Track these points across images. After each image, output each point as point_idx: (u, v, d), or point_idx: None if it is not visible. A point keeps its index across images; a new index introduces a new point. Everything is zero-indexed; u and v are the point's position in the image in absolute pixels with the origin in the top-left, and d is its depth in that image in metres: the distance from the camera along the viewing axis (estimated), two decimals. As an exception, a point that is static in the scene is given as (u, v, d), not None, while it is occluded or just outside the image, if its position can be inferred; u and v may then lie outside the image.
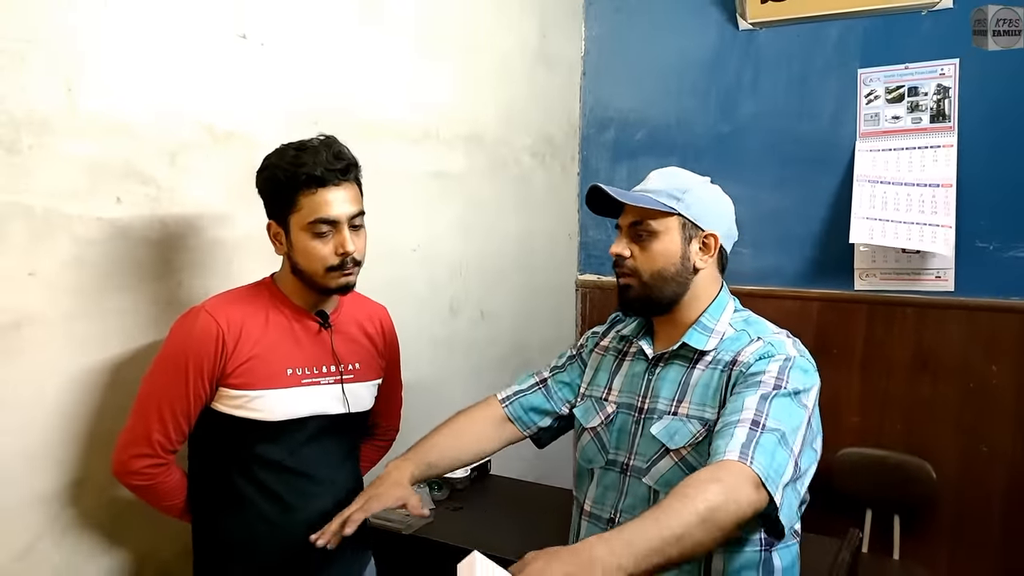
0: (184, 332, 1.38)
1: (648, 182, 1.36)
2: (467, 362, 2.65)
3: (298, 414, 1.43)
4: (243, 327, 1.38)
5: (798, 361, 1.26)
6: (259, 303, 1.43)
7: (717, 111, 2.96)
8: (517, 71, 2.82)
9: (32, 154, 1.37)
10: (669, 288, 1.31)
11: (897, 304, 2.69)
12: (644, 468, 1.29)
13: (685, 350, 1.33)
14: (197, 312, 1.39)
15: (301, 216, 1.35)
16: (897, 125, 2.66)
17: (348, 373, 1.50)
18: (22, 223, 1.37)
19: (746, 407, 1.17)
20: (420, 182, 2.38)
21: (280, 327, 1.43)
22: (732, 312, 1.36)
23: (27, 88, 1.36)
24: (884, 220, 2.64)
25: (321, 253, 1.36)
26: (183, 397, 1.36)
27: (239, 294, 1.46)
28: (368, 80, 2.15)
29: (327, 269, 1.38)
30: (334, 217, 1.36)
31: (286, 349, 1.42)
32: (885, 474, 2.66)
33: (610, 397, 1.40)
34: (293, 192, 1.35)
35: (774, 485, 1.10)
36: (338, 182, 1.36)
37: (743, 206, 2.90)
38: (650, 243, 1.31)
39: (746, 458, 1.09)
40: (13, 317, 1.37)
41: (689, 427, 1.26)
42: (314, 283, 1.41)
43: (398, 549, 2.00)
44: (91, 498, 1.51)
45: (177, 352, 1.37)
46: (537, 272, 2.97)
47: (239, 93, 1.76)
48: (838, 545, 1.96)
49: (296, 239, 1.37)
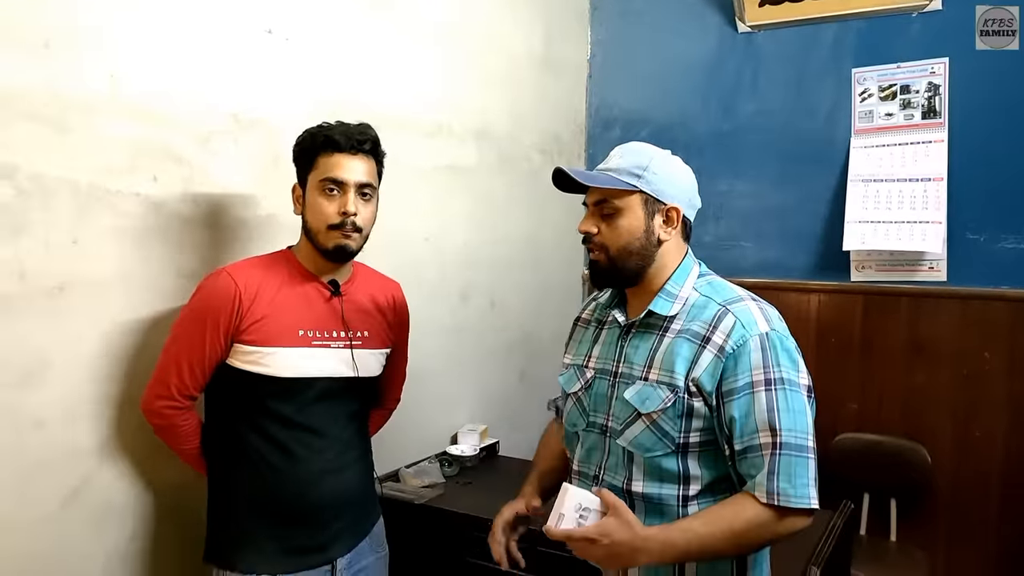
0: (206, 290, 1.51)
1: (610, 160, 1.42)
2: (476, 349, 2.75)
3: (307, 373, 1.53)
4: (259, 288, 1.50)
5: (772, 336, 1.31)
6: (276, 268, 1.56)
7: (718, 110, 3.08)
8: (525, 73, 2.96)
9: (78, 133, 1.51)
10: (633, 261, 1.37)
11: (892, 294, 2.78)
12: (619, 430, 1.36)
13: (653, 318, 1.38)
14: (219, 272, 1.53)
15: (316, 174, 1.51)
16: (890, 122, 2.76)
17: (356, 339, 1.60)
18: (68, 195, 1.50)
19: (760, 429, 1.25)
20: (433, 174, 2.50)
21: (294, 290, 1.54)
22: (696, 277, 1.41)
23: (75, 72, 1.50)
24: (876, 222, 2.76)
25: (326, 210, 1.50)
26: (200, 348, 1.49)
27: (259, 260, 1.59)
28: (385, 75, 2.29)
29: (329, 227, 1.50)
30: (342, 179, 1.50)
31: (298, 311, 1.53)
32: (882, 458, 2.74)
33: (589, 364, 1.46)
34: (314, 153, 1.51)
35: (813, 500, 1.24)
36: (355, 152, 1.52)
37: (744, 201, 3.06)
38: (615, 220, 1.36)
39: (775, 496, 1.22)
40: (58, 281, 1.50)
41: (659, 393, 1.32)
42: (316, 241, 1.53)
43: (410, 517, 2.10)
44: (125, 454, 1.63)
45: (198, 307, 1.51)
46: (545, 265, 3.08)
47: (265, 84, 1.89)
48: (830, 515, 2.05)
49: (309, 196, 1.53)
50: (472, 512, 2.08)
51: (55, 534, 1.52)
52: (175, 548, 1.73)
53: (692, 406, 1.30)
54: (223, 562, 1.53)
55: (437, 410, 2.60)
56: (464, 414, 2.72)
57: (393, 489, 2.17)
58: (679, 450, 1.31)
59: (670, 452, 1.31)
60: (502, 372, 2.88)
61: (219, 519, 1.57)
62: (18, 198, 1.42)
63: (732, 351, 1.29)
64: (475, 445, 2.53)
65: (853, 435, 2.81)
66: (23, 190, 1.43)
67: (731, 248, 3.09)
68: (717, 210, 3.09)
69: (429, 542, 2.11)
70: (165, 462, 1.69)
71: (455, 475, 2.37)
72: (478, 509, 2.09)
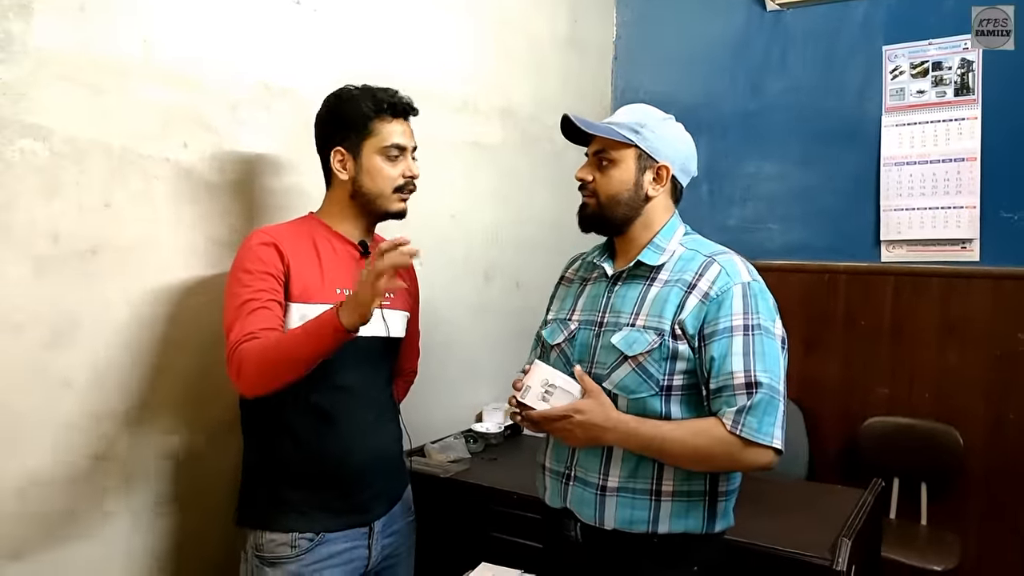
0: (249, 249, 1.49)
1: (615, 115, 1.50)
2: (502, 329, 2.75)
3: None
4: (296, 247, 1.51)
5: (754, 286, 1.40)
6: (307, 231, 1.55)
7: (745, 90, 3.05)
8: (550, 53, 2.95)
9: (112, 97, 1.52)
10: (620, 210, 1.46)
11: (923, 275, 2.74)
12: (604, 375, 1.41)
13: (641, 269, 1.46)
14: (255, 234, 1.52)
15: (377, 140, 1.53)
16: (922, 99, 2.72)
17: (385, 300, 1.55)
18: (101, 159, 1.51)
19: (735, 369, 1.34)
20: (459, 150, 2.50)
21: (326, 251, 1.54)
22: (682, 235, 1.50)
23: (109, 36, 1.51)
24: (911, 209, 2.74)
25: (392, 174, 1.54)
26: (271, 290, 1.45)
27: (288, 224, 1.58)
28: (413, 48, 2.29)
29: (394, 190, 1.55)
30: (405, 144, 1.56)
31: (334, 270, 1.53)
32: (912, 442, 2.71)
33: (573, 316, 1.53)
34: (371, 119, 1.52)
35: (776, 440, 1.33)
36: (407, 118, 1.58)
37: (771, 183, 3.03)
38: (609, 170, 1.46)
39: (740, 426, 1.32)
40: (91, 243, 1.51)
41: (646, 336, 1.39)
42: (376, 205, 1.56)
43: (436, 490, 2.10)
44: (151, 419, 1.64)
45: (249, 262, 1.47)
46: (569, 247, 3.04)
47: (293, 55, 1.90)
48: (861, 491, 2.02)
49: (368, 162, 1.53)
50: (494, 485, 2.08)
51: (83, 493, 1.53)
52: (198, 511, 1.74)
53: (677, 349, 1.38)
54: (261, 524, 1.51)
55: (462, 388, 2.60)
56: (489, 393, 2.71)
57: (419, 463, 2.18)
58: (663, 392, 1.38)
59: (654, 394, 1.38)
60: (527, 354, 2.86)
61: (257, 482, 1.55)
62: (52, 160, 1.44)
63: (716, 296, 1.38)
64: (500, 423, 2.53)
65: (883, 419, 2.77)
66: (57, 152, 1.44)
67: (757, 231, 3.06)
68: (744, 192, 3.06)
69: (454, 515, 2.11)
70: (191, 428, 1.71)
71: (480, 451, 2.37)
72: (503, 484, 2.09)
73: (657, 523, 1.40)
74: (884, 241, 2.79)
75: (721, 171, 3.05)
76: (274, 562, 1.48)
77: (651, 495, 1.40)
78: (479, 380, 2.68)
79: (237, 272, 1.47)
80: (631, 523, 1.40)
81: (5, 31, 1.36)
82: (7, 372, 1.40)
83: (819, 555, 1.65)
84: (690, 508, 1.41)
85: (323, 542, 1.50)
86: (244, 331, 1.39)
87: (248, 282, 1.44)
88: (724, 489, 1.44)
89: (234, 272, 1.48)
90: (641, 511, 1.40)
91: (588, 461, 1.45)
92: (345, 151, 1.54)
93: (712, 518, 1.43)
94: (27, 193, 1.41)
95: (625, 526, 1.40)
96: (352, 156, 1.54)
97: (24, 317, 1.42)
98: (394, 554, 1.64)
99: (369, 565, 1.57)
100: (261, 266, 1.46)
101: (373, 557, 1.58)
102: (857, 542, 1.71)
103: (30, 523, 1.45)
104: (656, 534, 1.40)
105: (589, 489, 1.44)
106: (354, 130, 1.53)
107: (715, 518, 1.43)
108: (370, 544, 1.57)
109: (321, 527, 1.50)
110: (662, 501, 1.40)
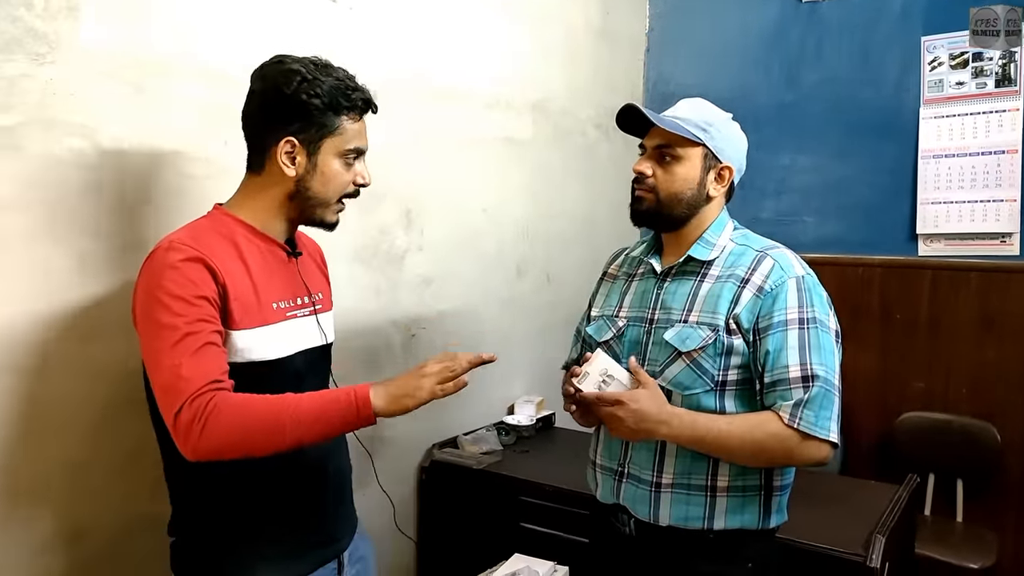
0: (171, 268, 1.18)
1: (678, 109, 1.47)
2: (532, 323, 2.76)
3: (290, 351, 1.31)
4: (224, 260, 1.23)
5: (808, 280, 1.39)
6: (223, 234, 1.28)
7: (780, 82, 3.02)
8: (582, 45, 2.94)
9: (154, 95, 1.56)
10: (680, 209, 1.43)
11: (961, 269, 2.70)
12: (657, 371, 1.40)
13: (691, 264, 1.45)
14: (166, 248, 1.21)
15: (341, 140, 1.29)
16: (961, 91, 2.67)
17: (318, 303, 1.42)
18: (144, 156, 1.55)
19: (791, 363, 1.33)
20: (490, 146, 2.52)
21: (254, 258, 1.29)
22: (732, 230, 1.49)
23: (151, 35, 1.55)
24: (949, 202, 2.70)
25: (345, 180, 1.32)
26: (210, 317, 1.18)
27: (197, 227, 1.29)
28: (446, 44, 2.31)
29: (341, 197, 1.34)
30: (364, 147, 1.34)
31: (266, 280, 1.29)
32: (949, 438, 2.67)
33: (621, 313, 1.51)
34: (339, 114, 1.29)
35: (833, 433, 1.32)
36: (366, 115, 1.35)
37: (806, 175, 3.00)
38: (673, 166, 1.42)
39: (797, 420, 1.30)
40: (131, 239, 1.54)
41: (699, 332, 1.38)
42: (314, 212, 1.32)
43: (468, 482, 2.13)
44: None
45: (175, 285, 1.17)
46: (600, 241, 3.06)
47: (329, 52, 1.89)
48: (896, 487, 2.01)
49: (324, 162, 1.29)
50: (529, 478, 2.10)
51: (124, 480, 1.57)
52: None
53: (731, 344, 1.36)
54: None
55: (494, 380, 2.62)
56: (520, 386, 2.73)
57: (452, 455, 2.20)
58: (717, 387, 1.37)
59: (708, 390, 1.37)
60: (558, 347, 2.86)
61: (200, 537, 1.31)
62: (97, 158, 1.48)
63: (770, 290, 1.36)
64: (531, 415, 2.54)
65: (919, 414, 2.74)
66: (102, 150, 1.48)
67: (791, 223, 3.03)
68: (778, 185, 3.03)
69: (486, 507, 2.13)
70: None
71: (512, 444, 2.39)
72: (534, 476, 2.11)
73: (713, 519, 1.39)
74: (921, 235, 2.75)
75: (754, 163, 2.95)
76: None
77: (706, 491, 1.39)
78: (511, 373, 2.70)
79: (160, 297, 1.16)
80: (686, 519, 1.40)
81: (55, 32, 1.40)
82: (52, 365, 1.45)
83: (852, 551, 1.65)
84: (745, 503, 1.40)
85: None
86: (203, 375, 1.13)
87: (180, 310, 1.15)
88: (779, 484, 1.43)
89: (153, 297, 1.17)
90: (696, 507, 1.39)
91: (641, 458, 1.43)
92: (299, 143, 1.27)
93: (767, 513, 1.42)
94: (73, 190, 1.45)
95: (680, 522, 1.40)
96: (306, 151, 1.28)
97: (68, 311, 1.46)
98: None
99: None
100: (193, 289, 1.17)
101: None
102: (891, 539, 1.70)
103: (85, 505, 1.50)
104: (712, 530, 1.39)
105: (643, 486, 1.42)
106: (315, 123, 1.27)
107: (770, 513, 1.42)
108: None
109: (293, 571, 1.33)
110: (717, 496, 1.39)
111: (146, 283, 1.20)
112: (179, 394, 1.12)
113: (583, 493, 1.63)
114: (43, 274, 1.42)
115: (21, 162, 1.37)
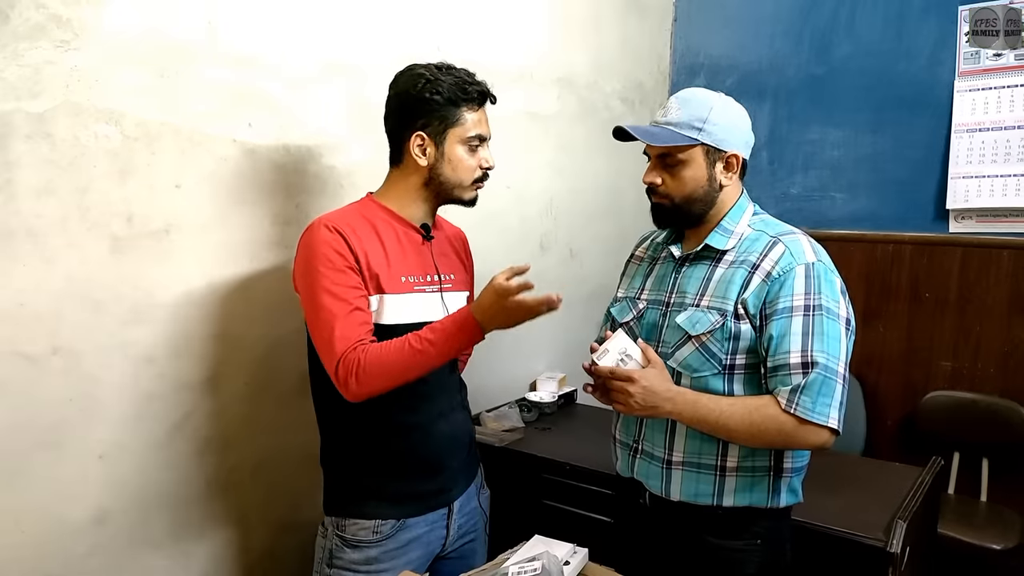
0: (322, 243, 1.42)
1: (669, 112, 1.46)
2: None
3: (411, 319, 1.49)
4: (361, 235, 1.46)
5: (818, 267, 1.39)
6: (368, 216, 1.50)
7: (811, 53, 2.95)
8: (609, 18, 2.89)
9: (179, 79, 1.56)
10: (698, 206, 1.47)
11: (993, 247, 2.65)
12: (669, 353, 1.45)
13: (708, 251, 1.48)
14: (317, 226, 1.44)
15: (462, 130, 1.49)
16: (998, 63, 2.60)
17: (447, 283, 1.59)
18: (171, 140, 1.56)
19: (793, 349, 1.35)
20: (515, 121, 2.50)
21: (390, 237, 1.50)
22: (751, 215, 1.50)
23: (174, 20, 1.55)
24: (981, 176, 2.64)
25: (471, 164, 1.52)
26: (357, 285, 1.42)
27: (346, 210, 1.52)
28: (470, 20, 2.28)
29: (473, 180, 1.54)
30: (486, 135, 1.54)
31: (398, 257, 1.50)
32: (975, 417, 2.65)
33: (642, 296, 1.57)
34: (459, 107, 1.48)
35: (832, 420, 1.34)
36: (484, 106, 1.55)
37: (836, 150, 2.95)
38: (679, 171, 1.45)
39: (794, 405, 1.33)
40: (163, 224, 1.57)
41: (709, 317, 1.41)
42: (452, 194, 1.53)
43: (490, 459, 2.14)
44: (225, 391, 1.72)
45: (327, 256, 1.41)
46: (625, 216, 3.05)
47: (354, 32, 1.91)
48: (919, 471, 2.00)
49: (450, 151, 1.50)
50: (550, 456, 2.12)
51: (161, 460, 1.62)
52: (269, 476, 1.83)
53: (739, 329, 1.39)
54: (345, 512, 1.52)
55: (517, 357, 2.64)
56: (543, 362, 2.74)
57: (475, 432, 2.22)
58: (725, 371, 1.41)
59: (717, 373, 1.41)
60: (581, 323, 2.88)
61: (336, 474, 1.57)
62: (125, 143, 1.49)
63: (778, 276, 1.38)
64: (553, 392, 2.56)
65: (945, 393, 2.72)
66: (129, 135, 1.50)
67: (820, 199, 2.98)
68: (807, 159, 2.98)
69: (508, 484, 2.15)
70: (264, 401, 1.78)
71: (534, 421, 2.41)
72: (556, 453, 2.12)
73: (722, 496, 1.44)
74: (952, 211, 2.70)
75: (783, 137, 2.97)
76: (356, 545, 1.50)
77: (716, 470, 1.44)
78: (533, 350, 2.71)
79: (316, 266, 1.41)
80: (696, 496, 1.45)
81: (79, 19, 1.40)
82: (90, 348, 1.48)
83: (873, 536, 1.64)
84: (754, 483, 1.44)
85: (404, 527, 1.52)
86: (350, 336, 1.39)
87: (334, 279, 1.41)
88: (789, 466, 1.46)
89: (311, 266, 1.42)
90: (706, 485, 1.44)
91: (654, 435, 1.49)
92: (427, 136, 1.49)
93: (776, 493, 1.45)
94: (102, 175, 1.47)
95: (690, 498, 1.45)
96: (434, 142, 1.49)
97: (104, 295, 1.49)
98: (471, 531, 1.65)
99: (446, 544, 1.59)
100: (341, 261, 1.41)
101: (451, 536, 1.59)
102: (912, 523, 1.70)
103: (112, 489, 1.55)
104: (720, 507, 1.45)
105: (655, 462, 1.49)
106: (439, 117, 1.48)
107: (779, 493, 1.46)
108: (448, 524, 1.58)
109: (403, 513, 1.52)
110: (727, 476, 1.44)
111: (303, 255, 1.45)
112: (334, 353, 1.39)
113: (604, 472, 1.68)
114: (78, 263, 1.45)
115: (50, 148, 1.39)
